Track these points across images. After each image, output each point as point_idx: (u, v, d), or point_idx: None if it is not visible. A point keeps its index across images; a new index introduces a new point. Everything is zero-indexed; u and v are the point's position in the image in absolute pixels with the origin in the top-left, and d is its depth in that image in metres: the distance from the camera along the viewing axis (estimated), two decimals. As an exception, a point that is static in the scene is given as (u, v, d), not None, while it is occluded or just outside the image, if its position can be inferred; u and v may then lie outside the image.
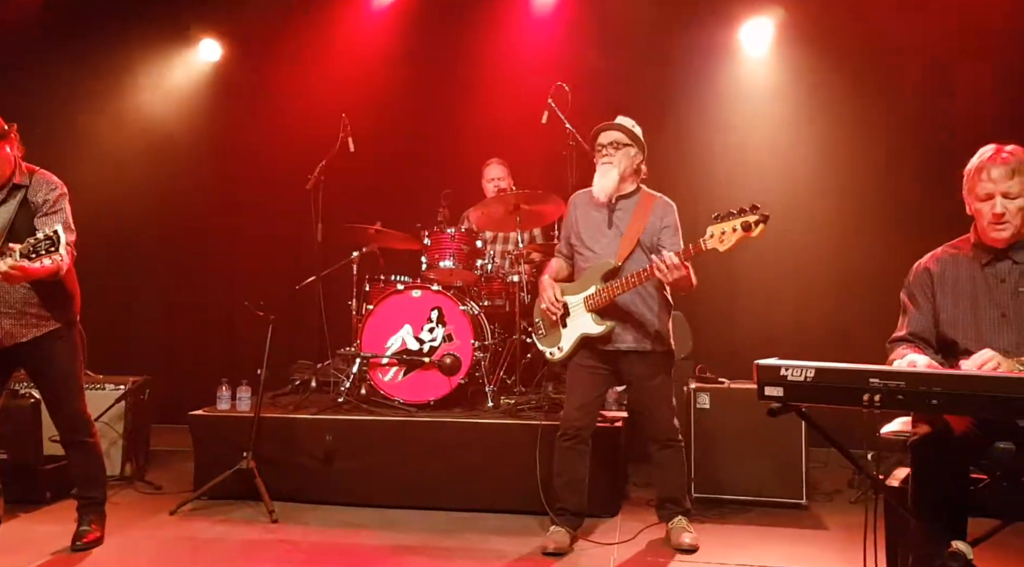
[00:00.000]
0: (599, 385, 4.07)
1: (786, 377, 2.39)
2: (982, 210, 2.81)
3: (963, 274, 2.90)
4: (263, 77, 6.92)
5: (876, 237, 5.82)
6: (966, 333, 2.83)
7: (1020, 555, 3.61)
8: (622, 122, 4.05)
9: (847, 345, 5.26)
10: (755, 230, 3.38)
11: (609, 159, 4.00)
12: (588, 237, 4.06)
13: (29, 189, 3.74)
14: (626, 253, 3.92)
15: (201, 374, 6.13)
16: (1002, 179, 2.74)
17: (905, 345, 2.93)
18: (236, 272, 7.00)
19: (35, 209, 3.72)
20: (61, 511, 4.42)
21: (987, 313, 2.82)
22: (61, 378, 3.89)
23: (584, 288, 3.99)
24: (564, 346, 4.06)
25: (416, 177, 6.67)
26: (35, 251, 3.35)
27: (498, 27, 6.63)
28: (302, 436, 4.77)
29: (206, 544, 4.04)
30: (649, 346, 3.94)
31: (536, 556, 3.85)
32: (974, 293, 2.86)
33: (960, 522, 2.56)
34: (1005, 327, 2.78)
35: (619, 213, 4.02)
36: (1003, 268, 2.84)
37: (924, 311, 2.95)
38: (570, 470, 4.02)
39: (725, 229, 3.42)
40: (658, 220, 3.95)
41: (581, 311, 3.99)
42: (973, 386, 2.22)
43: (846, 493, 4.87)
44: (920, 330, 2.94)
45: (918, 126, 5.84)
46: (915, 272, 3.03)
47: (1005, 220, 2.76)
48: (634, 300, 3.93)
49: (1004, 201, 2.75)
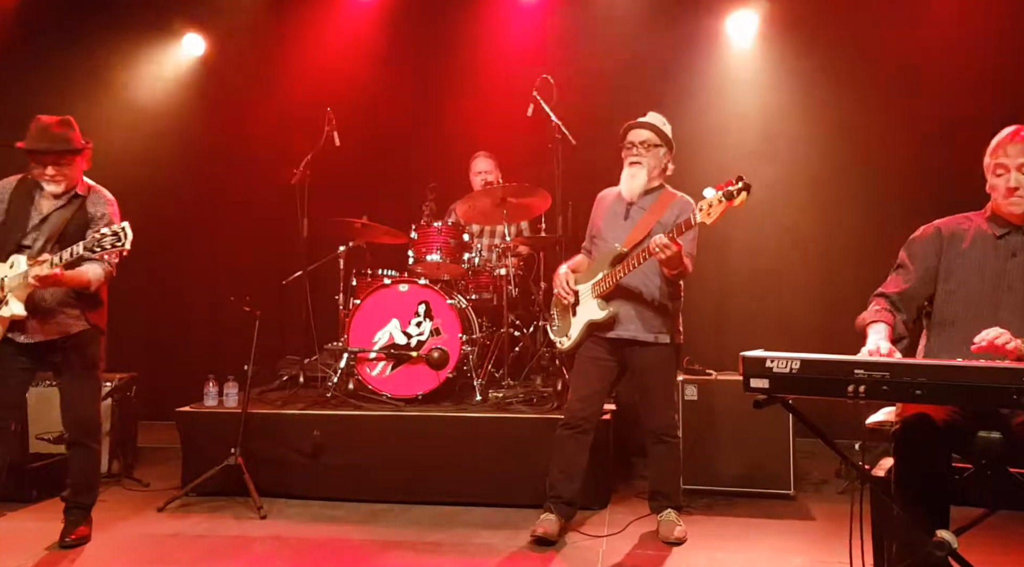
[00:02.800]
0: (604, 377, 4.07)
1: (772, 369, 2.40)
2: (997, 185, 2.86)
3: (976, 240, 2.91)
4: (247, 71, 6.87)
5: (863, 228, 5.84)
6: (967, 302, 2.84)
7: (1005, 543, 3.65)
8: (653, 120, 4.04)
9: (833, 337, 5.27)
10: (737, 198, 3.41)
11: (639, 159, 4.00)
12: (605, 228, 4.09)
13: (88, 200, 3.92)
14: (636, 240, 3.92)
15: (188, 370, 6.10)
16: (1017, 154, 2.79)
17: (882, 306, 2.93)
18: (222, 268, 6.96)
19: (91, 219, 3.89)
20: (48, 509, 4.39)
21: (994, 285, 2.83)
22: (85, 377, 3.97)
23: (593, 275, 4.02)
24: (572, 334, 4.09)
25: (402, 171, 6.65)
26: (99, 245, 3.53)
27: (483, 19, 6.60)
28: (290, 432, 4.76)
29: (194, 540, 4.03)
30: (653, 337, 3.95)
31: (525, 550, 3.86)
32: (983, 262, 2.87)
33: (942, 511, 2.58)
34: (1008, 301, 2.79)
35: (637, 208, 4.04)
36: (1016, 242, 2.85)
37: (921, 273, 2.94)
38: (567, 458, 4.02)
39: (711, 202, 3.46)
40: (673, 216, 3.93)
41: (589, 298, 4.02)
42: (957, 376, 2.23)
43: (833, 483, 4.91)
44: (909, 293, 2.94)
45: (904, 116, 5.84)
46: (924, 231, 3.03)
47: (1019, 194, 2.80)
48: (640, 289, 3.94)
49: (1019, 176, 2.80)
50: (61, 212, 3.86)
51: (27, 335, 3.78)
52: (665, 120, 4.08)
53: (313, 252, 5.66)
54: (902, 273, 3.00)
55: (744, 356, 2.45)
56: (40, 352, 3.85)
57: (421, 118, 6.71)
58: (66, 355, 3.89)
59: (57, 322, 3.82)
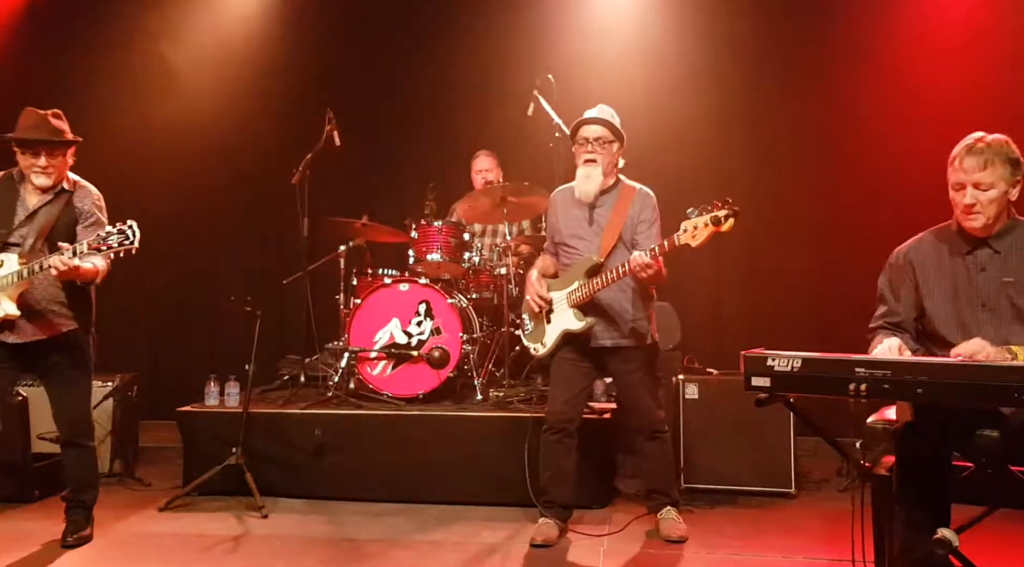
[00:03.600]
0: (583, 379, 4.06)
1: (773, 368, 2.41)
2: (956, 200, 2.80)
3: (945, 262, 2.87)
4: (247, 70, 6.83)
5: (865, 225, 5.81)
6: (949, 324, 2.81)
7: (1005, 541, 3.64)
8: (605, 115, 4.00)
9: (834, 335, 5.28)
10: (724, 224, 3.37)
11: (593, 156, 3.96)
12: (570, 235, 4.05)
13: (75, 195, 3.88)
14: (608, 248, 3.91)
15: (189, 370, 6.12)
16: (973, 169, 2.71)
17: (884, 332, 2.92)
18: (222, 267, 6.98)
19: (79, 215, 3.85)
20: (50, 509, 4.38)
21: (969, 303, 2.80)
22: (74, 378, 3.94)
23: (568, 284, 3.98)
24: (547, 342, 4.07)
25: (402, 170, 6.64)
26: (106, 244, 3.50)
27: (484, 19, 6.59)
28: (291, 431, 4.76)
29: (196, 540, 4.03)
30: (630, 342, 3.95)
31: (526, 549, 3.86)
32: (955, 283, 2.83)
33: (943, 509, 2.58)
34: (987, 318, 2.76)
35: (599, 210, 4.00)
36: (983, 256, 2.81)
37: (905, 301, 2.93)
38: (556, 463, 4.02)
39: (697, 224, 3.42)
40: (636, 214, 3.94)
41: (564, 307, 3.99)
42: (958, 374, 2.24)
43: (835, 482, 4.89)
44: (900, 321, 2.93)
45: (902, 118, 5.82)
46: (895, 261, 3.00)
47: (976, 211, 2.74)
48: (615, 296, 3.92)
49: (975, 192, 2.73)
50: (49, 208, 3.80)
51: (16, 335, 3.75)
52: (614, 112, 4.03)
53: (314, 251, 5.65)
54: (888, 306, 2.98)
55: (745, 355, 2.45)
56: (30, 354, 3.81)
57: (422, 117, 6.70)
58: (56, 355, 3.85)
59: (48, 322, 3.79)
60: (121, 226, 3.51)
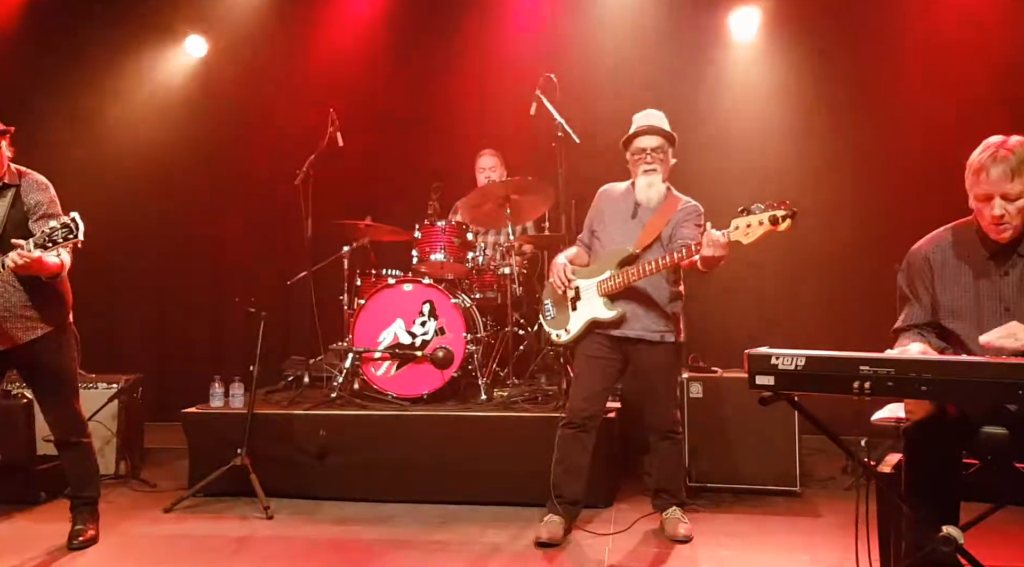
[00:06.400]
0: (607, 375, 4.05)
1: (777, 366, 2.40)
2: (982, 211, 2.70)
3: (965, 263, 2.80)
4: (250, 72, 6.86)
5: (870, 224, 5.81)
6: (968, 325, 2.76)
7: (1011, 539, 3.64)
8: (655, 120, 4.01)
9: (839, 333, 5.27)
10: (782, 224, 3.25)
11: (653, 166, 3.96)
12: (611, 224, 4.06)
13: (20, 189, 3.73)
14: (646, 242, 3.90)
15: (194, 371, 6.11)
16: (1000, 180, 2.60)
17: (907, 335, 2.86)
18: (226, 269, 6.98)
19: (28, 210, 3.70)
20: (55, 511, 4.40)
21: (990, 305, 2.74)
22: (57, 380, 3.89)
23: (599, 273, 3.97)
24: (572, 329, 4.06)
25: (406, 170, 6.64)
26: (51, 240, 3.31)
27: (486, 18, 6.59)
28: (296, 432, 4.76)
29: (201, 541, 4.04)
30: (659, 336, 3.94)
31: (531, 549, 3.86)
32: (976, 284, 2.77)
33: (952, 507, 2.57)
34: (1007, 321, 2.66)
35: (645, 208, 4.01)
36: (1007, 260, 2.74)
37: (924, 303, 2.87)
38: (570, 457, 4.01)
39: (751, 222, 3.31)
40: (680, 218, 3.93)
41: (593, 295, 3.97)
42: (962, 372, 2.23)
43: (840, 480, 4.89)
44: (923, 322, 2.88)
45: (910, 114, 5.82)
46: (913, 260, 2.93)
47: (1005, 222, 2.65)
48: (646, 288, 3.92)
49: (1003, 203, 2.62)
50: None
51: None
52: (663, 115, 4.06)
53: (317, 252, 5.66)
54: (910, 308, 2.91)
55: (749, 353, 2.44)
56: (8, 362, 3.77)
57: (424, 117, 6.70)
58: (33, 361, 3.80)
59: (19, 328, 3.69)
60: (64, 219, 3.31)
